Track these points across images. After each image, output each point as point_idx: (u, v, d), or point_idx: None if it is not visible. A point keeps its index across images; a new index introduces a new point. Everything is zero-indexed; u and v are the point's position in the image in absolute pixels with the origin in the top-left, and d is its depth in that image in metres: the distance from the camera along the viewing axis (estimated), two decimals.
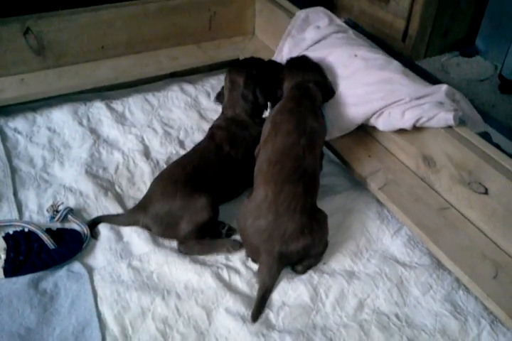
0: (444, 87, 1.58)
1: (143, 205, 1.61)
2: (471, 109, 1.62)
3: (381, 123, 1.68)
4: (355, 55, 1.80)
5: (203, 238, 1.57)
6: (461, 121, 1.53)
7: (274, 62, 1.90)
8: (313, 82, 1.69)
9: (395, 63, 1.75)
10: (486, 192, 1.45)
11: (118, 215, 1.65)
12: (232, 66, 1.86)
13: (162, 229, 1.57)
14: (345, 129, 1.79)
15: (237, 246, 1.57)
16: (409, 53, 2.60)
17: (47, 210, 1.64)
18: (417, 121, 1.54)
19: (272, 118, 1.61)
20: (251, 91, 1.74)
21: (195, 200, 1.55)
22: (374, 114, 1.69)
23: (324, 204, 1.65)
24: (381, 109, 1.66)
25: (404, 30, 2.58)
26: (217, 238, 1.61)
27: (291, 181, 1.46)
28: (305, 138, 1.53)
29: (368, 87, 1.72)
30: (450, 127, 1.53)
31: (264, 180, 1.49)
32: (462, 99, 1.61)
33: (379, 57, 1.79)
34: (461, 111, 1.55)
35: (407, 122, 1.57)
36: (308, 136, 1.54)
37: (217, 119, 1.82)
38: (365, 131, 1.83)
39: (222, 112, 1.81)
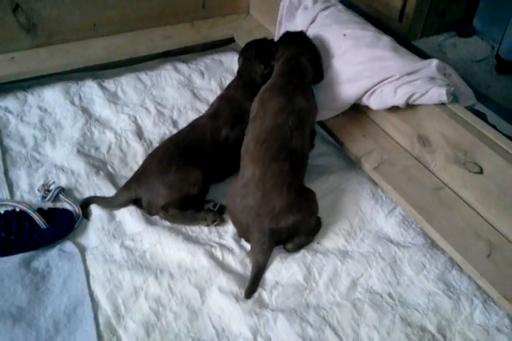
0: (434, 61, 1.56)
1: (136, 177, 1.62)
2: (461, 82, 1.60)
3: (373, 102, 1.66)
4: (344, 35, 1.77)
5: (185, 210, 1.58)
6: (454, 98, 1.51)
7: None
8: (306, 58, 1.67)
9: (384, 39, 1.72)
10: (481, 172, 1.44)
11: (109, 197, 1.64)
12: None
13: (152, 197, 1.57)
14: (338, 109, 1.78)
15: (219, 221, 1.57)
16: (405, 33, 2.56)
17: (38, 190, 1.63)
18: (410, 97, 1.53)
19: (261, 96, 1.60)
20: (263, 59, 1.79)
21: (189, 173, 1.57)
22: (365, 92, 1.67)
23: (318, 185, 1.64)
24: (372, 86, 1.63)
25: (400, 10, 2.54)
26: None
27: (277, 159, 1.46)
28: (294, 117, 1.52)
29: (358, 65, 1.69)
30: (444, 105, 1.52)
31: (251, 159, 1.48)
32: (453, 73, 1.59)
33: (368, 34, 1.76)
34: (453, 85, 1.54)
35: (400, 99, 1.55)
36: (297, 116, 1.53)
37: (229, 88, 1.82)
38: (359, 111, 1.81)
39: (238, 77, 1.83)
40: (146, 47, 2.22)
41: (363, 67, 1.67)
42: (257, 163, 1.45)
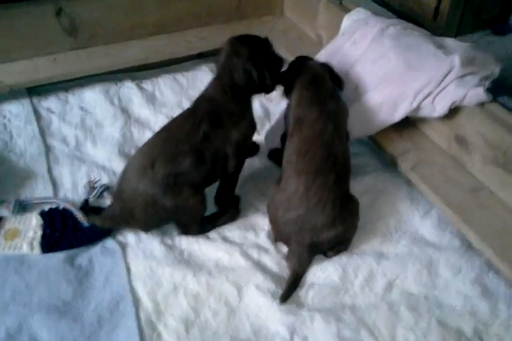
0: (456, 59, 1.55)
1: (124, 212, 1.48)
2: (484, 56, 1.62)
3: (417, 114, 1.67)
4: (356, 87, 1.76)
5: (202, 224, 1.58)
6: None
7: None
8: (318, 64, 1.66)
9: (391, 55, 1.70)
10: None
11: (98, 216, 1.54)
12: (238, 36, 1.62)
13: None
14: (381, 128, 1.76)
15: (237, 215, 1.63)
16: (440, 32, 2.53)
17: (84, 186, 1.69)
18: (451, 105, 1.53)
19: (293, 113, 1.57)
20: (256, 68, 1.53)
21: (184, 204, 1.47)
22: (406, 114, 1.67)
23: (354, 185, 1.64)
24: (413, 108, 1.63)
25: (435, 8, 2.51)
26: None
27: (322, 172, 1.43)
28: (331, 124, 1.50)
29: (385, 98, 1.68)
30: (483, 105, 1.52)
31: (294, 171, 1.46)
32: (476, 53, 1.61)
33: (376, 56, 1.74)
34: (481, 67, 1.54)
35: (441, 110, 1.57)
36: (334, 121, 1.51)
37: (209, 88, 1.61)
38: None
39: (217, 78, 1.60)
40: (182, 48, 2.26)
41: (394, 94, 1.66)
42: (301, 176, 1.43)
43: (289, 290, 1.39)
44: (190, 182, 1.47)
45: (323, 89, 1.59)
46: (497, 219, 1.46)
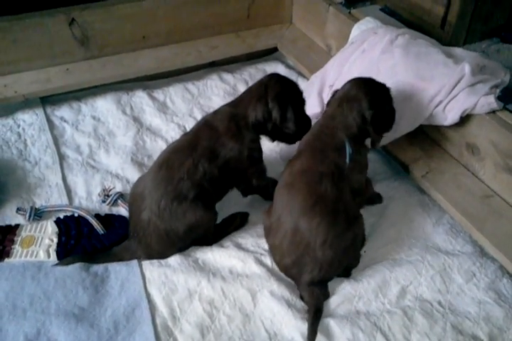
0: (466, 67, 1.57)
1: (142, 246, 1.51)
2: (494, 64, 1.64)
3: (428, 122, 1.69)
4: None
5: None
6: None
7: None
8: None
9: (401, 69, 1.71)
10: None
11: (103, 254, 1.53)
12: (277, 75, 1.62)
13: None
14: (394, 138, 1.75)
15: (246, 219, 1.65)
16: (448, 40, 2.55)
17: (99, 194, 1.71)
18: (462, 113, 1.55)
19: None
20: (281, 110, 1.53)
21: (196, 224, 1.49)
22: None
23: None
24: (426, 117, 1.65)
25: (443, 17, 2.54)
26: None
27: (306, 211, 1.37)
28: (325, 163, 1.44)
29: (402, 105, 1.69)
30: (494, 113, 1.53)
31: (281, 208, 1.43)
32: (485, 62, 1.62)
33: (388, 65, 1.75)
34: (490, 75, 1.56)
35: (453, 119, 1.58)
36: (330, 165, 1.44)
37: (218, 114, 1.58)
38: None
39: (230, 106, 1.58)
40: (193, 57, 2.29)
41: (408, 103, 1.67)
42: (287, 217, 1.39)
43: (314, 326, 1.32)
44: (199, 204, 1.49)
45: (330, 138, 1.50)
46: (509, 226, 1.47)
